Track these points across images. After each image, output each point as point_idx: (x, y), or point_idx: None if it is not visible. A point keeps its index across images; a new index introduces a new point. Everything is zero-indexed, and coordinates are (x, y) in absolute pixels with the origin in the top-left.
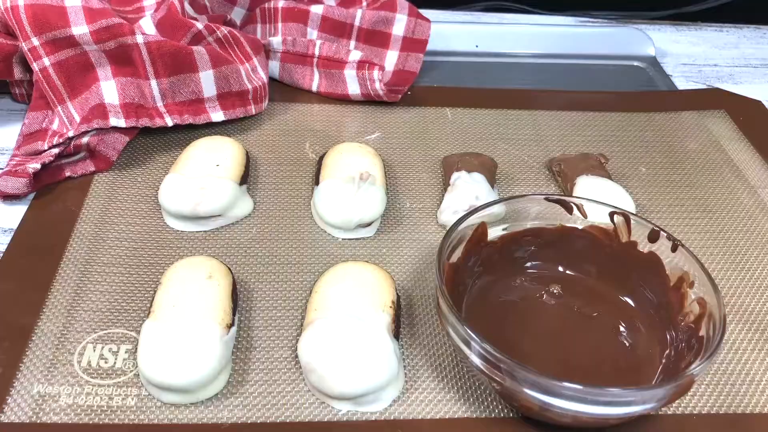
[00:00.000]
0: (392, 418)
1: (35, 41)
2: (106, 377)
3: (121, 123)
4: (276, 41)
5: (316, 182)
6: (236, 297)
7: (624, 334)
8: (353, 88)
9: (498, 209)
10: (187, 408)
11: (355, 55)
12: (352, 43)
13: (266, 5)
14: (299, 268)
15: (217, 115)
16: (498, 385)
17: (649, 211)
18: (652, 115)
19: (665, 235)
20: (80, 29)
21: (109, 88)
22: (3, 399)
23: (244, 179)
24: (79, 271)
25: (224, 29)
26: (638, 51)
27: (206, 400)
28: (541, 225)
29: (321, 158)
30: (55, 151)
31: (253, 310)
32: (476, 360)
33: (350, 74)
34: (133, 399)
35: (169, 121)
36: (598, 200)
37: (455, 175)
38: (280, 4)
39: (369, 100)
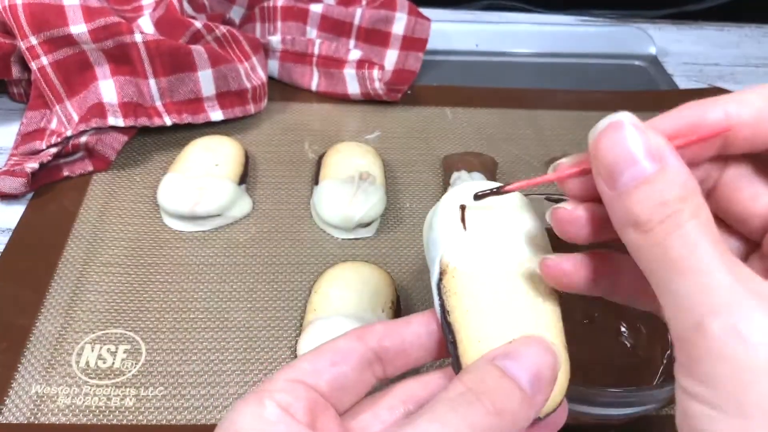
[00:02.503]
0: None
1: (33, 40)
2: (105, 378)
3: (120, 122)
4: (275, 40)
5: (316, 182)
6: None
7: (625, 334)
8: (353, 88)
9: None
10: (185, 409)
11: (355, 54)
12: (352, 42)
13: (265, 4)
14: (299, 268)
15: (216, 115)
16: None
17: None
18: (653, 115)
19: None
20: (78, 28)
21: (107, 88)
22: (1, 399)
23: (243, 179)
24: (77, 272)
25: (223, 28)
26: (639, 50)
27: (205, 402)
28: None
29: (320, 158)
30: (53, 150)
31: (252, 310)
32: None
33: (350, 73)
34: (131, 400)
35: (168, 121)
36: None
37: (455, 175)
38: (279, 3)
39: (369, 100)
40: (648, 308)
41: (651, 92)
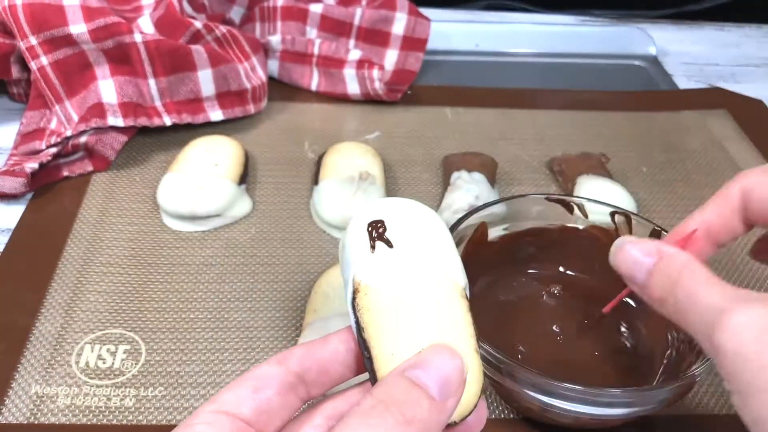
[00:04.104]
0: None
1: (33, 40)
2: (105, 378)
3: (119, 122)
4: (275, 40)
5: (315, 182)
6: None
7: (625, 334)
8: (353, 88)
9: (498, 209)
10: (185, 410)
11: (355, 54)
12: (352, 42)
13: (265, 4)
14: (299, 269)
15: (216, 115)
16: (498, 385)
17: (651, 210)
18: (653, 115)
19: (666, 234)
20: (78, 28)
21: (107, 87)
22: (1, 400)
23: (243, 179)
24: (76, 272)
25: (223, 28)
26: (639, 50)
27: (204, 402)
28: (541, 225)
29: (320, 158)
30: (53, 150)
31: (252, 311)
32: None
33: (350, 73)
34: (131, 400)
35: (168, 121)
36: (599, 200)
37: (455, 175)
38: (279, 3)
39: (368, 100)
40: None
41: (651, 92)
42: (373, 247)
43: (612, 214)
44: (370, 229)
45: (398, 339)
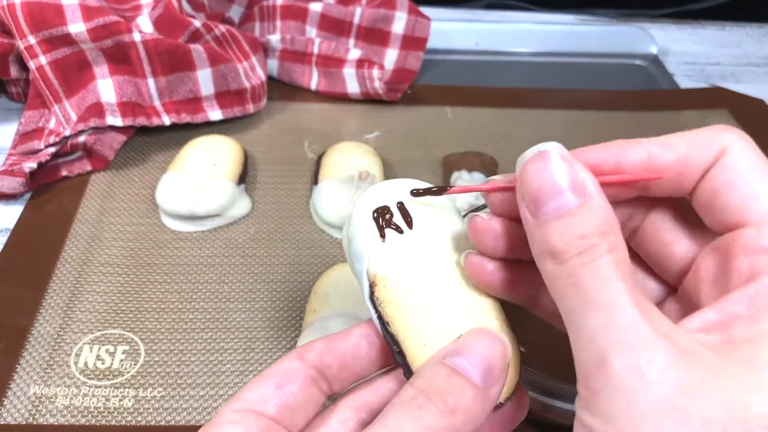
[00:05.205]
0: None
1: (32, 39)
2: (103, 378)
3: (118, 122)
4: (274, 39)
5: (315, 182)
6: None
7: None
8: (352, 87)
9: None
10: (184, 410)
11: (355, 54)
12: (351, 41)
13: (265, 3)
14: (298, 269)
15: (215, 114)
16: None
17: None
18: (654, 114)
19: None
20: (77, 27)
21: (106, 87)
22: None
23: (242, 179)
24: (75, 272)
25: (222, 27)
26: (640, 49)
27: (204, 402)
28: None
29: (320, 157)
30: (52, 150)
31: (252, 311)
32: None
33: (349, 73)
34: (130, 400)
35: (167, 120)
36: None
37: (455, 175)
38: (279, 2)
39: (368, 99)
40: (565, 330)
41: (652, 92)
42: (382, 235)
43: None
44: (376, 216)
45: (428, 328)
